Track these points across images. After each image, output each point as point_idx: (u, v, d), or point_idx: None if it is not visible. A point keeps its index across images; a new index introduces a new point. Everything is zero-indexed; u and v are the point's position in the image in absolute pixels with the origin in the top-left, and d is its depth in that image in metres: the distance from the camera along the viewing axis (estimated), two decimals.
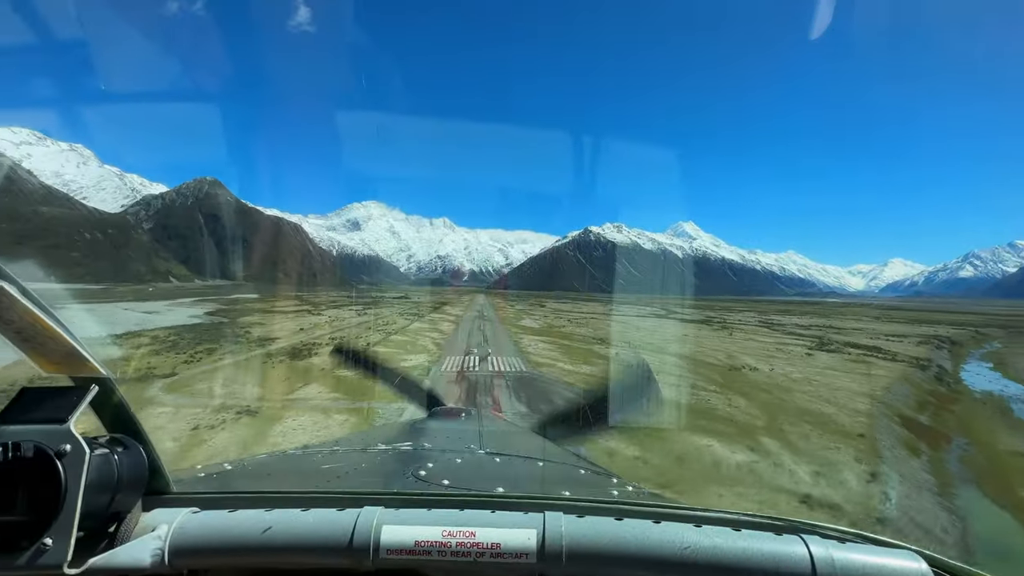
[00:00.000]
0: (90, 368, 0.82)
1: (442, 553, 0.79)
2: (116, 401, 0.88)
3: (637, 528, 0.81)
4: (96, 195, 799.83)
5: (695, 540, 0.78)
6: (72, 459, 0.74)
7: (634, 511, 0.87)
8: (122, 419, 0.90)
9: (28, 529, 0.71)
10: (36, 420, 0.77)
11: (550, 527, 0.81)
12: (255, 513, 0.87)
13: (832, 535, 0.82)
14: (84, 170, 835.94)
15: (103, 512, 0.81)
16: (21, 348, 0.76)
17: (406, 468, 1.29)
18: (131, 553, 0.80)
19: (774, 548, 0.77)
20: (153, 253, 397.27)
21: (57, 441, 0.74)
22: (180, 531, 0.84)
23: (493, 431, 2.13)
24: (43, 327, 0.73)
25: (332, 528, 0.82)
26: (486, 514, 0.86)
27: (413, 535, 0.81)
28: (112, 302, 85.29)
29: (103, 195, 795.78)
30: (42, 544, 0.71)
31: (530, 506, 0.88)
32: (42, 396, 0.81)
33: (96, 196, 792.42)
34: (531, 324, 61.01)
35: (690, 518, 0.85)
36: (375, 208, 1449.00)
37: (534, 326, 58.67)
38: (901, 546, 0.80)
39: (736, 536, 0.79)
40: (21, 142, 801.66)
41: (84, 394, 0.81)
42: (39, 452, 0.73)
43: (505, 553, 0.79)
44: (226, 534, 0.83)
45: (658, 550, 0.78)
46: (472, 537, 0.80)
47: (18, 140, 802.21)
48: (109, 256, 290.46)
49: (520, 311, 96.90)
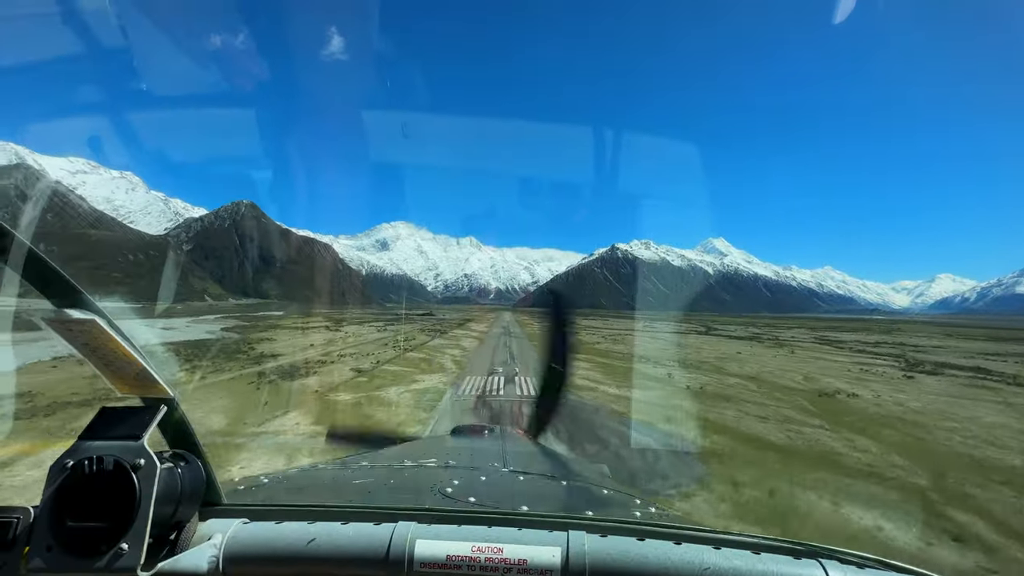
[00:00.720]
0: (159, 389, 0.90)
1: (471, 568, 0.83)
2: (178, 419, 0.96)
3: (658, 549, 0.83)
4: (143, 219, 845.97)
5: (715, 562, 0.79)
6: (145, 472, 0.82)
7: (655, 532, 0.89)
8: (183, 435, 0.98)
9: (107, 535, 0.78)
10: (114, 436, 0.86)
11: (574, 545, 0.84)
12: (299, 525, 0.93)
13: (851, 560, 0.83)
14: (132, 196, 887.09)
15: (167, 521, 0.88)
16: (102, 372, 0.86)
17: (433, 485, 1.34)
18: (192, 560, 0.88)
19: (792, 572, 0.77)
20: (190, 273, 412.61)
21: (133, 456, 0.82)
22: (233, 540, 0.91)
23: (516, 450, 2.19)
24: (122, 353, 0.82)
25: (370, 541, 0.87)
26: (513, 531, 0.89)
27: (445, 550, 0.84)
28: (140, 319, 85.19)
29: (149, 219, 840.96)
30: (119, 549, 0.78)
31: (555, 524, 0.91)
32: (119, 415, 0.90)
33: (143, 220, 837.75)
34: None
35: (710, 540, 0.86)
36: (403, 228, 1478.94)
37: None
38: (920, 572, 0.80)
39: (755, 559, 0.80)
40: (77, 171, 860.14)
41: (155, 413, 0.89)
42: (118, 466, 0.80)
43: (531, 569, 0.82)
44: (274, 544, 0.89)
45: (678, 571, 0.79)
46: (500, 553, 0.83)
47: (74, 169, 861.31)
48: (149, 276, 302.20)
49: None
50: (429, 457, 1.87)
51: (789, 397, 20.39)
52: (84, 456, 0.81)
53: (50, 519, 0.79)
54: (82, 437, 0.86)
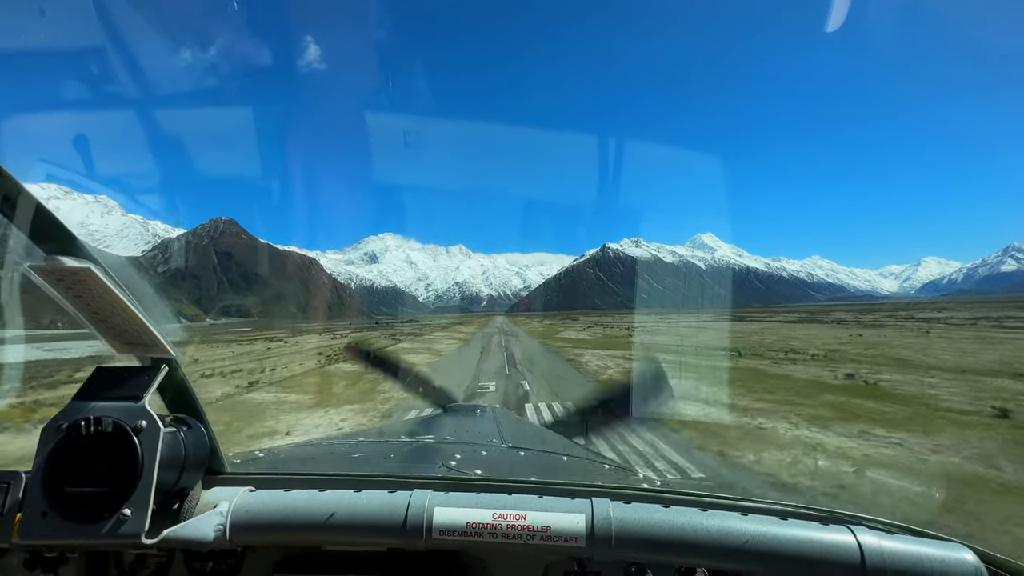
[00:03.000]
0: (160, 349, 0.84)
1: (493, 535, 0.81)
2: (180, 381, 0.91)
3: (685, 515, 0.81)
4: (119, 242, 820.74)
5: (744, 527, 0.79)
6: (148, 435, 0.77)
7: (680, 499, 0.88)
8: (185, 399, 0.93)
9: (108, 500, 0.74)
10: (113, 397, 0.80)
11: (598, 512, 0.82)
12: (310, 493, 0.89)
13: (878, 527, 0.82)
14: (108, 220, 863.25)
15: (170, 488, 0.84)
16: (97, 328, 0.79)
17: (438, 458, 1.32)
18: (197, 527, 0.84)
19: (823, 536, 0.77)
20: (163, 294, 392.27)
21: (134, 418, 0.77)
22: (240, 508, 0.87)
23: (511, 427, 2.18)
24: (120, 308, 0.76)
25: (386, 509, 0.84)
26: (534, 499, 0.87)
27: (465, 517, 0.82)
28: (85, 340, 71.29)
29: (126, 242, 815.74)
30: (122, 514, 0.74)
31: (577, 492, 0.89)
32: (117, 374, 0.84)
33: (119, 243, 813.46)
34: (582, 336, 43.70)
35: (736, 507, 0.86)
36: (391, 239, 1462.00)
37: (587, 338, 40.75)
38: (949, 539, 0.79)
39: (784, 524, 0.80)
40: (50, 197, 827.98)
41: (156, 373, 0.84)
42: (118, 427, 0.76)
43: (555, 536, 0.80)
44: (283, 512, 0.86)
45: (707, 536, 0.78)
46: (522, 520, 0.81)
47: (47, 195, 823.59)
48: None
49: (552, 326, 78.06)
50: (426, 434, 1.84)
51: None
52: (81, 417, 0.76)
53: (44, 484, 0.74)
54: (77, 397, 0.81)
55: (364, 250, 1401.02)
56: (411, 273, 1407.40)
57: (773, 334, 40.46)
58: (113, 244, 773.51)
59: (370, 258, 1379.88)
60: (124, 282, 0.76)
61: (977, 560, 0.73)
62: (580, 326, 72.76)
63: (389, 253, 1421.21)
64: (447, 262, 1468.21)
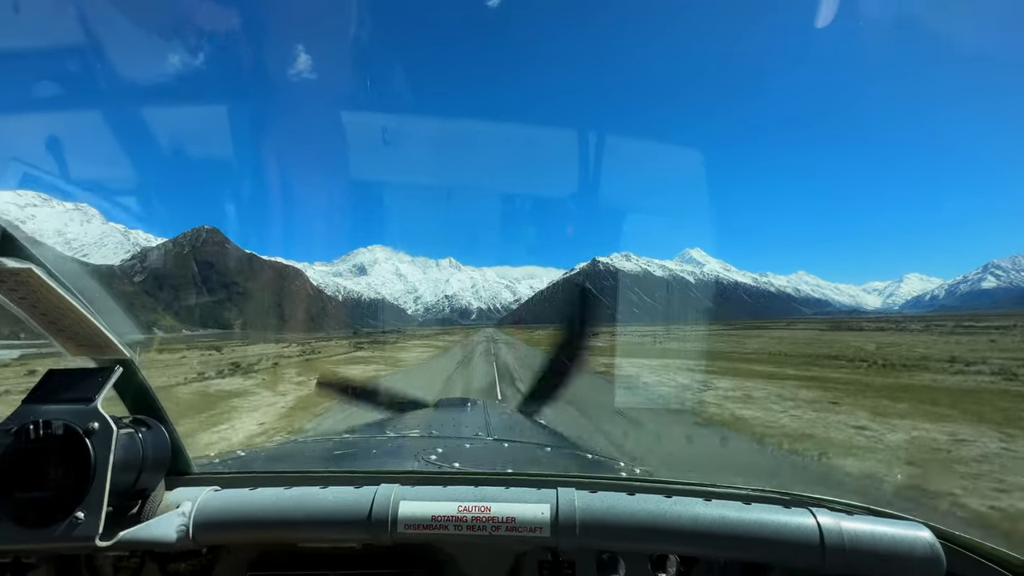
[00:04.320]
0: (114, 350, 0.82)
1: (458, 527, 0.81)
2: (139, 383, 0.89)
3: (649, 502, 0.83)
4: (98, 251, 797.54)
5: (707, 512, 0.80)
6: (100, 437, 0.75)
7: (645, 487, 0.89)
8: (145, 400, 0.91)
9: (60, 504, 0.72)
10: (64, 400, 0.78)
11: (563, 501, 0.83)
12: (275, 491, 0.88)
13: (839, 508, 0.84)
14: (87, 228, 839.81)
15: (129, 489, 0.82)
16: (47, 331, 0.77)
17: (416, 453, 1.32)
18: (158, 528, 0.82)
19: (783, 519, 0.79)
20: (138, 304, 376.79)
21: (85, 419, 0.75)
22: (203, 508, 0.86)
23: (500, 420, 2.18)
24: (69, 309, 0.73)
25: (351, 504, 0.84)
26: (500, 490, 0.87)
27: (430, 510, 0.82)
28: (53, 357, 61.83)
29: (105, 251, 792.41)
30: (74, 518, 0.72)
31: (543, 483, 0.90)
32: (68, 377, 0.82)
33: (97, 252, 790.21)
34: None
35: (700, 493, 0.87)
36: (380, 252, 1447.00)
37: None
38: (907, 518, 0.81)
39: (746, 508, 0.81)
40: (26, 204, 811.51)
41: (109, 375, 0.82)
42: (68, 430, 0.74)
43: (520, 526, 0.80)
44: (248, 510, 0.85)
45: (671, 522, 0.79)
46: (487, 512, 0.82)
47: (23, 203, 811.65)
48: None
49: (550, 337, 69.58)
50: (412, 428, 1.85)
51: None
52: (30, 421, 0.74)
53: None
54: (27, 401, 0.79)
55: (353, 262, 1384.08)
56: (400, 286, 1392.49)
57: (862, 342, 34.93)
58: (91, 253, 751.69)
59: (359, 270, 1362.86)
60: (75, 284, 0.73)
61: (932, 536, 0.76)
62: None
63: (378, 265, 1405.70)
64: (437, 275, 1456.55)
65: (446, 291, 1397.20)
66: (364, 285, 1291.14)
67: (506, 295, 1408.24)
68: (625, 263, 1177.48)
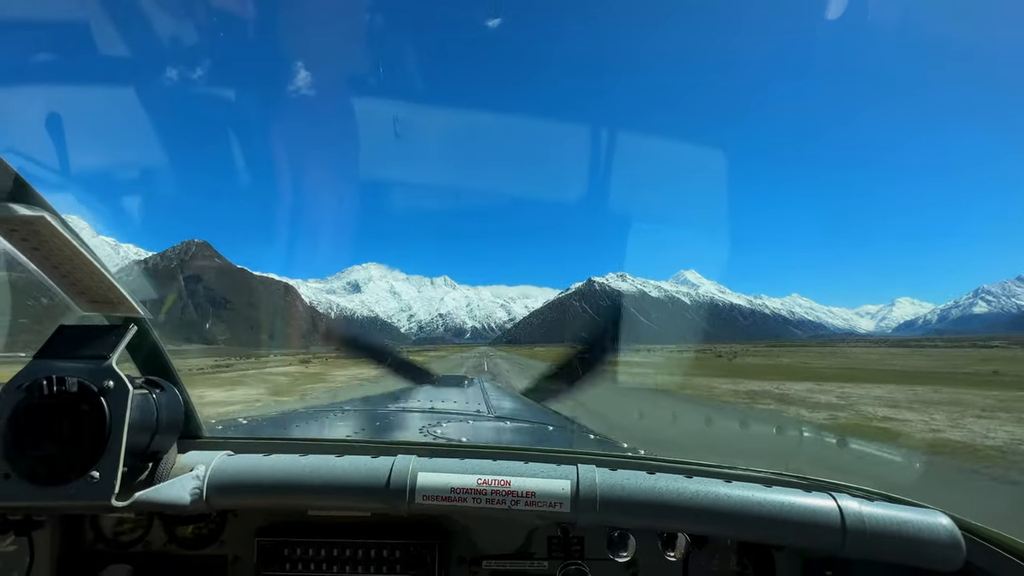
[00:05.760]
0: (127, 307, 0.80)
1: (477, 500, 0.81)
2: (152, 343, 0.88)
3: (670, 481, 0.83)
4: None
5: (728, 492, 0.80)
6: (116, 396, 0.74)
7: (665, 467, 0.89)
8: (158, 361, 0.91)
9: (74, 463, 0.71)
10: (77, 357, 0.76)
11: (584, 478, 0.83)
12: (290, 457, 0.88)
13: (859, 494, 0.85)
14: None
15: (142, 451, 0.82)
16: (59, 284, 0.75)
17: (422, 427, 1.33)
18: (172, 490, 0.82)
19: (805, 502, 0.79)
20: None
21: (100, 378, 0.74)
22: (218, 472, 0.85)
23: (497, 399, 2.22)
24: (83, 262, 0.71)
25: (368, 473, 0.84)
26: (520, 465, 0.87)
27: (448, 482, 0.82)
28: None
29: None
30: (89, 477, 0.71)
31: (563, 459, 0.90)
32: (81, 333, 0.80)
33: None
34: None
35: (721, 475, 0.87)
36: (375, 270, 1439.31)
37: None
38: (927, 506, 0.82)
39: (767, 491, 0.81)
40: None
41: (124, 332, 0.81)
42: (83, 388, 0.72)
43: (539, 501, 0.81)
44: (263, 475, 0.85)
45: (691, 501, 0.79)
46: (507, 485, 0.82)
47: None
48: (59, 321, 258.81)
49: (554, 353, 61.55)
50: (412, 403, 1.87)
51: None
52: (42, 376, 0.71)
53: (5, 446, 0.71)
54: (39, 356, 0.76)
55: (347, 279, 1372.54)
56: (394, 304, 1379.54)
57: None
58: None
59: (353, 288, 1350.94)
60: (89, 242, 0.71)
61: (953, 524, 0.76)
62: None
63: (372, 283, 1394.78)
64: (431, 293, 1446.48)
65: (440, 309, 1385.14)
66: (358, 303, 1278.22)
67: (500, 314, 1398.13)
68: (621, 283, 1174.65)
